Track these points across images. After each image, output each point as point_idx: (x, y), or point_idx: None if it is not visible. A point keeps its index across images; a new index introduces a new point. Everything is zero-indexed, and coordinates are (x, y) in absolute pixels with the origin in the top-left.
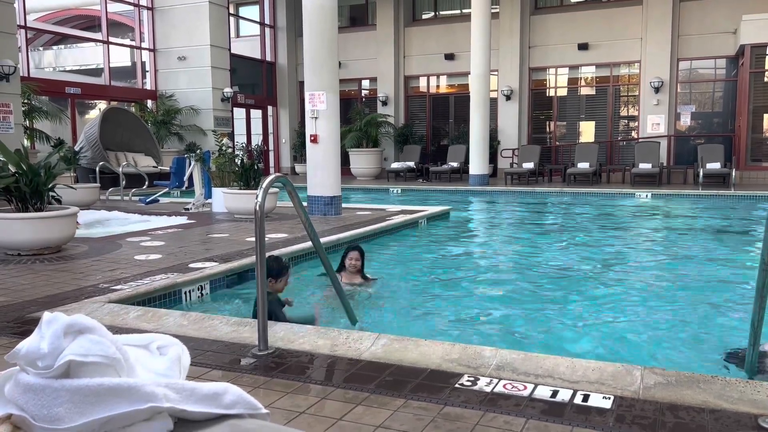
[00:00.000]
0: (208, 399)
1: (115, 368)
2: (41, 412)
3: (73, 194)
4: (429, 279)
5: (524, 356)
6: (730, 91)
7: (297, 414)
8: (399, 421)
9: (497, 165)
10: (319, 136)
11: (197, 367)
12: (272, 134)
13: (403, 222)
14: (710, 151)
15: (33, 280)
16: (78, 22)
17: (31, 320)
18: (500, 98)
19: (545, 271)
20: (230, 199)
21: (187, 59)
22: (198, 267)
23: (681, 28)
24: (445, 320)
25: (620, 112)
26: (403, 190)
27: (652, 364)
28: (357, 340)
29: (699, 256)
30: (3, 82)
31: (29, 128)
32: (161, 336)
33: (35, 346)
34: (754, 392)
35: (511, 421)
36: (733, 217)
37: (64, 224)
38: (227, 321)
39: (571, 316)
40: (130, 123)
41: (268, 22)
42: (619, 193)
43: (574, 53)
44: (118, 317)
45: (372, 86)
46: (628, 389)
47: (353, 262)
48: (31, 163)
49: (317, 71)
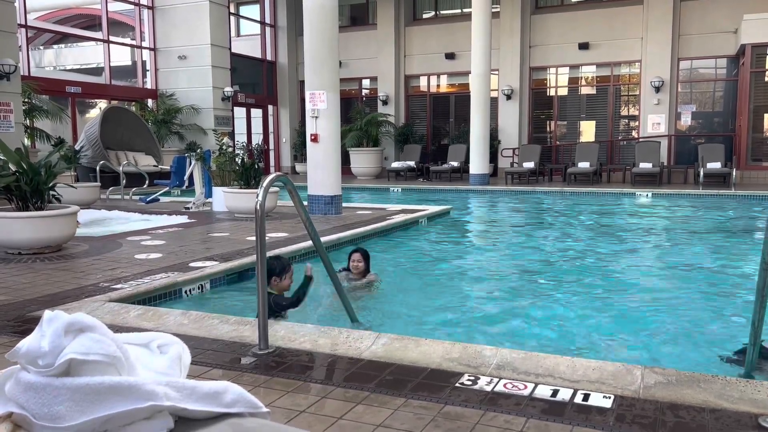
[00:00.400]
0: (209, 398)
1: (116, 367)
2: (42, 410)
3: (74, 193)
4: (429, 278)
5: (525, 355)
6: (730, 91)
7: (297, 413)
8: (399, 420)
9: (498, 164)
10: (319, 136)
11: (198, 366)
12: (272, 133)
13: (403, 221)
14: (711, 150)
15: (33, 279)
16: (78, 21)
17: (31, 319)
18: (501, 98)
19: (545, 271)
20: (230, 198)
21: (187, 58)
22: (198, 266)
23: (681, 28)
24: (446, 319)
25: (621, 111)
26: (404, 189)
27: (653, 363)
28: (357, 339)
29: (699, 256)
30: (3, 81)
31: (30, 127)
32: (162, 335)
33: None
34: (754, 392)
35: (511, 421)
36: (733, 216)
37: (64, 223)
38: (228, 320)
39: (571, 315)
40: (131, 122)
41: (269, 21)
42: (620, 192)
43: (574, 53)
44: (119, 316)
45: (372, 85)
46: (628, 388)
47: (356, 264)
48: (32, 162)
49: (318, 70)
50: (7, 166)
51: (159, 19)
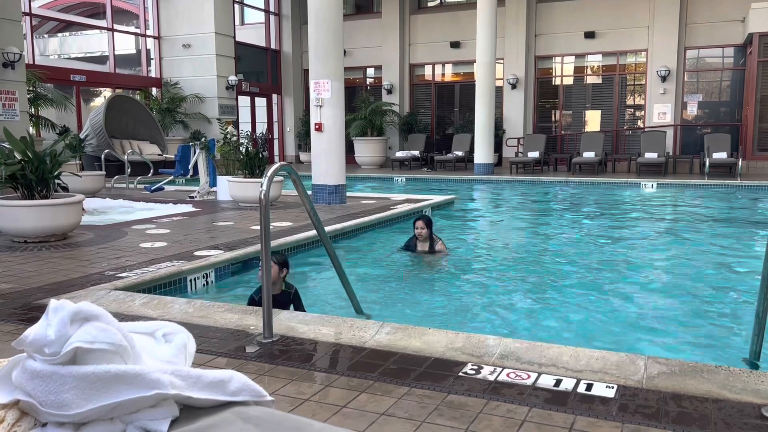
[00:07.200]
0: (214, 386)
1: (122, 355)
2: (48, 398)
3: (79, 182)
4: (433, 268)
5: (528, 345)
6: (737, 80)
7: (301, 401)
8: (403, 408)
9: (502, 154)
10: (323, 125)
11: (202, 355)
12: (277, 122)
13: (407, 211)
14: (717, 140)
15: (39, 268)
16: (83, 9)
17: (37, 307)
18: (506, 87)
19: (549, 260)
20: (235, 187)
21: (191, 47)
22: (203, 255)
23: (689, 17)
24: (450, 309)
25: (626, 101)
26: (408, 179)
27: (656, 353)
28: (361, 328)
29: (704, 246)
30: (8, 69)
31: (34, 116)
32: (167, 323)
33: (42, 333)
34: (757, 382)
35: (514, 410)
36: (739, 207)
37: (69, 212)
38: (232, 309)
39: (575, 304)
40: (135, 111)
41: (273, 9)
42: (625, 182)
43: (580, 42)
44: (124, 304)
45: (377, 74)
46: (631, 378)
47: (419, 231)
48: (37, 151)
49: (322, 59)
50: (13, 154)
51: (163, 8)
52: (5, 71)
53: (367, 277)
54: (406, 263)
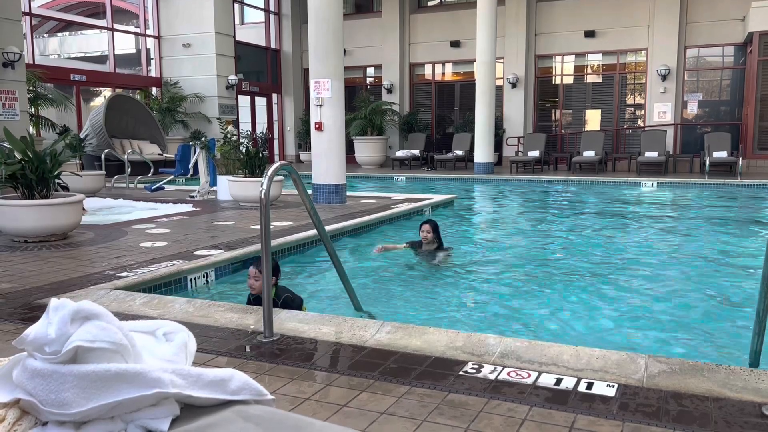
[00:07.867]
0: (214, 385)
1: (122, 354)
2: (49, 396)
3: (79, 181)
4: (433, 267)
5: (528, 344)
6: (737, 79)
7: (302, 400)
8: (403, 407)
9: (502, 153)
10: (323, 124)
11: (203, 354)
12: (277, 122)
13: (408, 210)
14: (717, 139)
15: (39, 267)
16: (83, 8)
17: (37, 306)
18: (506, 86)
19: (550, 259)
20: (235, 186)
21: (191, 46)
22: (203, 254)
23: (689, 15)
24: (450, 308)
25: (626, 100)
26: (408, 178)
27: (657, 352)
28: (362, 327)
29: (705, 245)
30: (8, 69)
31: (34, 115)
32: (167, 323)
33: (43, 332)
34: (758, 381)
35: (514, 409)
36: (739, 206)
37: (70, 211)
38: (233, 308)
39: (575, 304)
40: (136, 110)
41: (273, 8)
42: (625, 181)
43: (580, 41)
44: (124, 304)
45: (377, 74)
46: (632, 377)
47: (425, 234)
48: (37, 151)
49: (322, 58)
50: (13, 154)
51: (163, 7)
52: (5, 71)
53: (368, 276)
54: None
